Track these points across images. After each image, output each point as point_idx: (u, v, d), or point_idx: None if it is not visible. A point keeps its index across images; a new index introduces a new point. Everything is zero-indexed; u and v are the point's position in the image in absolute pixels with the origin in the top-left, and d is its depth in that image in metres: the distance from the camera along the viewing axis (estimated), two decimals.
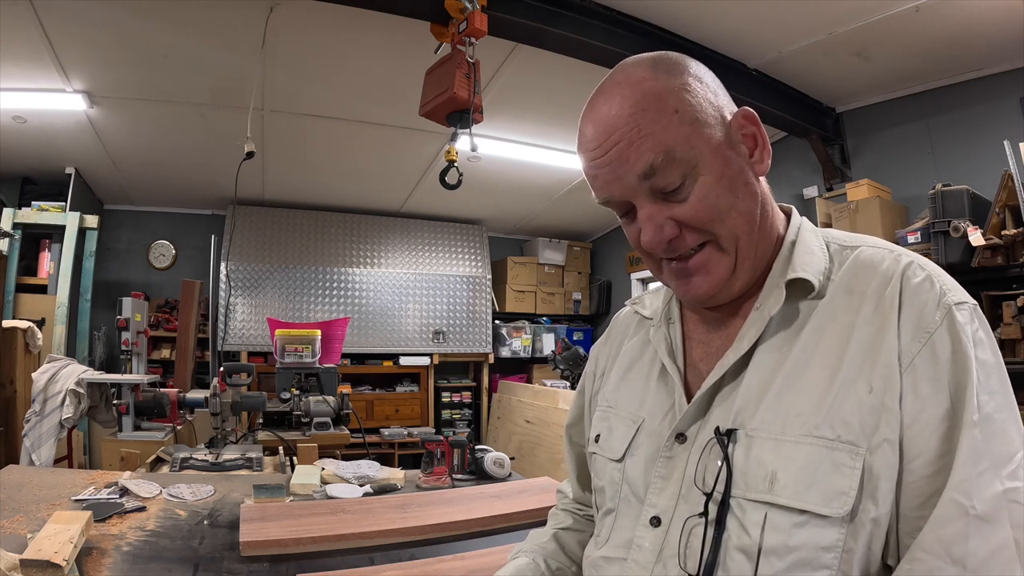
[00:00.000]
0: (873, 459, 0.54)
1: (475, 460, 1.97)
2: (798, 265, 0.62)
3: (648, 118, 0.59)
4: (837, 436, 0.55)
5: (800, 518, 0.54)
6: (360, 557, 1.28)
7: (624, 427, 0.73)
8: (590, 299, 6.04)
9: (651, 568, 0.63)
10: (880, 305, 0.58)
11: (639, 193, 0.62)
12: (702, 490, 0.60)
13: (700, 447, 0.62)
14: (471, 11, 2.25)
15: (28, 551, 1.03)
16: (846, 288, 0.61)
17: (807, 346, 0.60)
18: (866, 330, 0.57)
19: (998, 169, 2.58)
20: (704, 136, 0.60)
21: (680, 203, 0.61)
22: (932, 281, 0.58)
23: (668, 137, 0.59)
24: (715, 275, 0.63)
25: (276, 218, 4.92)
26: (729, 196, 0.61)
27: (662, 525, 0.63)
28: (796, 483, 0.55)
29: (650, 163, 0.59)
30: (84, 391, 2.38)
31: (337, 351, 3.20)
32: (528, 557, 0.84)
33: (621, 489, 0.70)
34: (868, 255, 0.63)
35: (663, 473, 0.65)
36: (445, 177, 2.58)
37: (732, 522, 0.58)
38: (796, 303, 0.62)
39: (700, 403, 0.64)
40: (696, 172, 0.60)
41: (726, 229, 0.62)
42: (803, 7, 2.71)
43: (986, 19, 2.63)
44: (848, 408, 0.55)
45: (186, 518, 1.44)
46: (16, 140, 3.66)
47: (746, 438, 0.59)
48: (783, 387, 0.59)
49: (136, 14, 2.64)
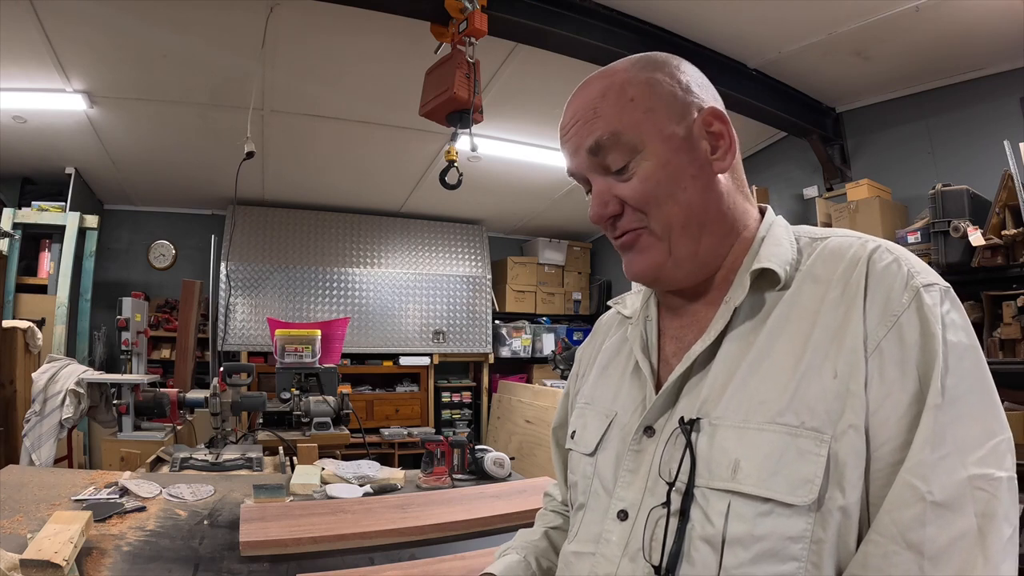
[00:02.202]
0: (839, 446, 0.53)
1: (475, 460, 1.97)
2: (763, 256, 0.63)
3: (606, 103, 0.65)
4: (801, 423, 0.54)
5: (764, 507, 0.54)
6: (360, 557, 1.28)
7: (597, 422, 0.73)
8: (590, 299, 6.04)
9: (617, 562, 0.63)
10: (846, 290, 0.57)
11: (591, 169, 0.67)
12: (666, 480, 0.60)
13: (666, 439, 0.62)
14: (471, 11, 2.25)
15: (28, 551, 1.03)
16: (812, 276, 0.61)
17: (772, 333, 0.60)
18: (831, 315, 0.57)
19: (998, 169, 2.58)
20: (656, 125, 0.64)
21: (625, 183, 0.65)
22: (899, 263, 0.57)
23: (618, 121, 0.64)
24: (647, 257, 0.66)
25: (276, 218, 4.92)
26: (669, 185, 0.64)
27: (629, 518, 0.63)
28: (760, 471, 0.54)
29: (596, 140, 0.65)
30: (84, 391, 2.38)
31: (337, 351, 3.20)
32: (518, 555, 0.84)
33: (592, 483, 0.70)
34: (835, 244, 0.63)
35: (631, 467, 0.65)
36: (445, 177, 2.58)
37: (696, 512, 0.57)
38: (763, 294, 0.62)
39: (667, 395, 0.64)
40: (641, 156, 0.64)
41: (661, 215, 0.64)
42: (803, 7, 2.71)
43: (986, 19, 2.63)
44: (813, 394, 0.54)
45: (186, 518, 1.44)
46: (16, 140, 3.66)
47: (709, 427, 0.59)
48: (747, 374, 0.59)
49: (136, 14, 2.64)
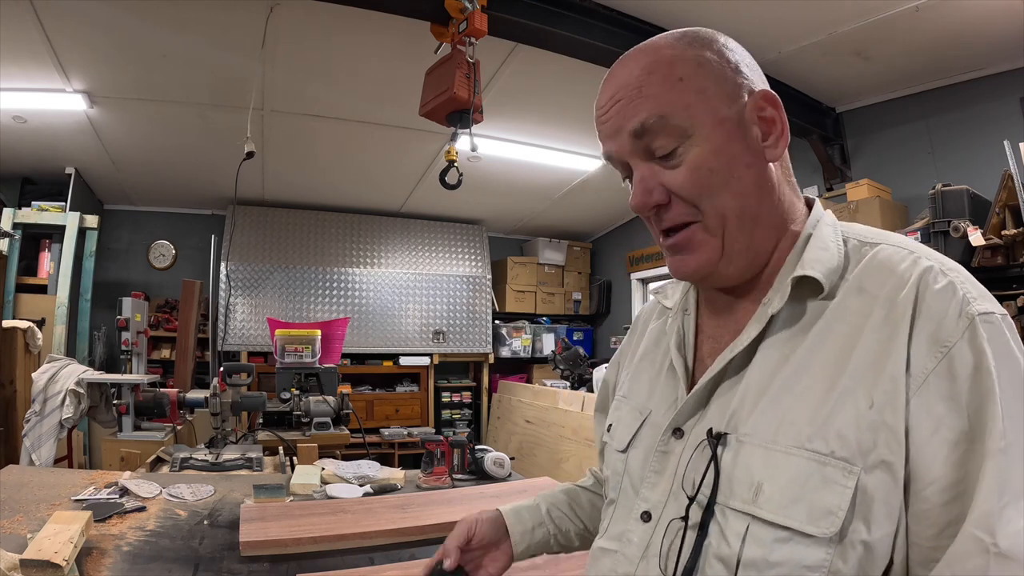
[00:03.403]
0: (868, 478, 0.50)
1: (475, 460, 1.97)
2: (807, 262, 0.59)
3: (653, 81, 0.60)
4: (831, 451, 0.51)
5: (783, 534, 0.52)
6: (360, 557, 1.29)
7: (631, 418, 0.72)
8: (590, 299, 6.04)
9: (636, 564, 0.62)
10: (892, 312, 0.53)
11: (633, 153, 0.62)
12: (687, 493, 0.58)
13: (693, 445, 0.61)
14: (471, 11, 2.24)
15: (28, 551, 1.03)
16: (858, 289, 0.57)
17: (811, 348, 0.56)
18: (873, 337, 0.53)
19: (998, 169, 2.58)
20: (708, 107, 0.59)
21: (672, 170, 0.60)
22: (954, 288, 0.52)
23: (667, 102, 0.59)
24: (700, 255, 0.61)
25: (276, 218, 4.92)
26: (724, 173, 0.59)
27: (651, 521, 0.62)
28: (781, 497, 0.52)
29: (642, 123, 0.59)
30: (84, 391, 2.38)
31: (337, 351, 3.20)
32: (532, 501, 0.86)
33: (622, 480, 0.69)
34: (886, 255, 0.58)
35: (657, 468, 0.64)
36: (445, 177, 2.58)
37: (714, 528, 0.56)
38: (804, 302, 0.59)
39: (698, 397, 0.62)
40: (691, 142, 0.59)
41: (714, 207, 0.59)
42: (803, 7, 2.71)
43: (986, 19, 2.63)
44: (844, 420, 0.52)
45: (186, 518, 1.44)
46: (16, 140, 3.66)
47: (736, 443, 0.57)
48: (781, 391, 0.56)
49: (136, 14, 2.64)
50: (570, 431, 4.10)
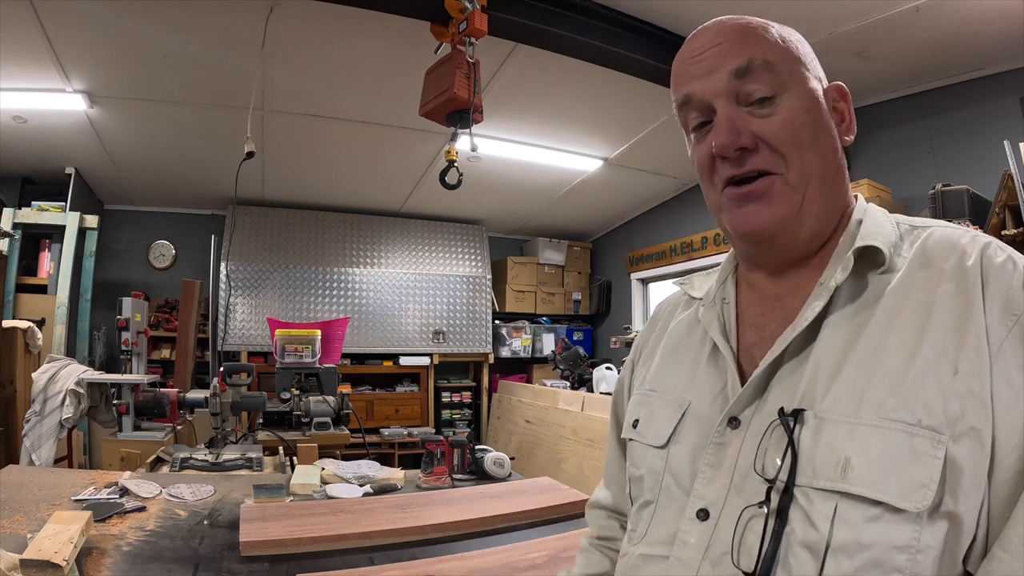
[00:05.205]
0: (956, 448, 0.48)
1: (475, 460, 1.97)
2: (867, 234, 0.59)
3: (756, 34, 0.62)
4: (918, 420, 0.49)
5: (874, 511, 0.49)
6: (360, 557, 1.28)
7: (668, 411, 0.67)
8: (590, 299, 6.04)
9: (697, 566, 0.57)
10: (963, 282, 0.53)
11: (726, 93, 0.61)
12: (763, 477, 0.54)
13: (757, 432, 0.57)
14: (471, 11, 2.24)
15: (28, 551, 1.03)
16: (921, 264, 0.57)
17: (881, 323, 0.55)
18: (948, 307, 0.53)
19: (998, 169, 2.58)
20: (804, 73, 0.62)
21: (764, 118, 0.60)
22: (1015, 262, 0.54)
23: (771, 51, 0.61)
24: (777, 209, 0.60)
25: (276, 218, 4.92)
26: (813, 129, 0.61)
27: (710, 519, 0.58)
28: (873, 471, 0.49)
29: (748, 61, 0.60)
30: (84, 391, 2.38)
31: (337, 351, 3.20)
32: None
33: (663, 479, 0.64)
34: (943, 234, 0.59)
35: (713, 462, 0.60)
36: (445, 177, 2.58)
37: (796, 514, 0.52)
38: (865, 276, 0.58)
39: (756, 384, 0.59)
40: (789, 95, 0.61)
41: (801, 162, 0.60)
42: (803, 7, 2.71)
43: (986, 19, 2.63)
44: (929, 391, 0.50)
45: (186, 518, 1.44)
46: (16, 140, 3.66)
47: (815, 420, 0.53)
48: (857, 367, 0.54)
49: (136, 14, 2.64)
50: (570, 431, 4.10)
